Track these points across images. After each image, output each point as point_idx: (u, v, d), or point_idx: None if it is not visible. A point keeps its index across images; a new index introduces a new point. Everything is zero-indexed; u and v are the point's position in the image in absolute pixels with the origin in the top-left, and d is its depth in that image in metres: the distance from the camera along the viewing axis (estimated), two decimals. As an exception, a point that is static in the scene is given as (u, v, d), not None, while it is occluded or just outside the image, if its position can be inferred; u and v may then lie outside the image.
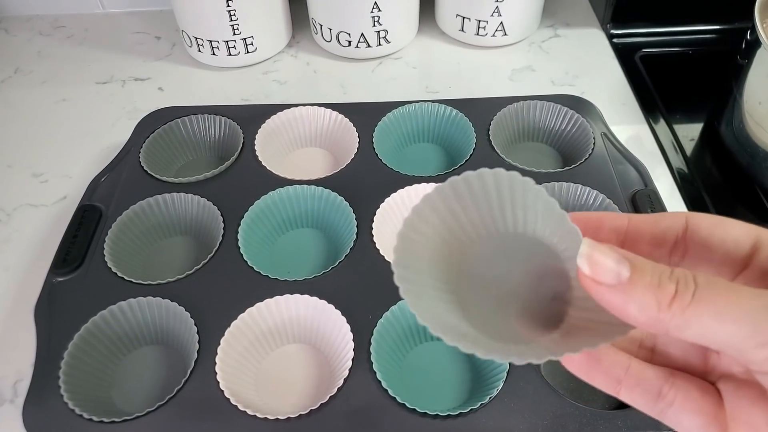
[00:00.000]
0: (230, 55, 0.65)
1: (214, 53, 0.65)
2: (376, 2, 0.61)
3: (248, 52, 0.65)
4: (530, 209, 0.22)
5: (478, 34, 0.67)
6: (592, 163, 0.51)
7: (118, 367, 0.42)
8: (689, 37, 0.69)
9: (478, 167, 0.55)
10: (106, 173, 0.51)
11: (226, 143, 0.55)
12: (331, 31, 0.65)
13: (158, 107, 0.56)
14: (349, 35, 0.64)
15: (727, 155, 0.56)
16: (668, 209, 0.48)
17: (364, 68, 0.67)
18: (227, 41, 0.63)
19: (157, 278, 0.43)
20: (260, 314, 0.42)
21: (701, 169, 0.56)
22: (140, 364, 0.42)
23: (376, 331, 0.40)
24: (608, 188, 0.48)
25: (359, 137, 0.53)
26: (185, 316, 0.41)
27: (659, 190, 0.49)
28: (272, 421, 0.37)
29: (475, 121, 0.53)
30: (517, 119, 0.55)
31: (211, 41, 0.63)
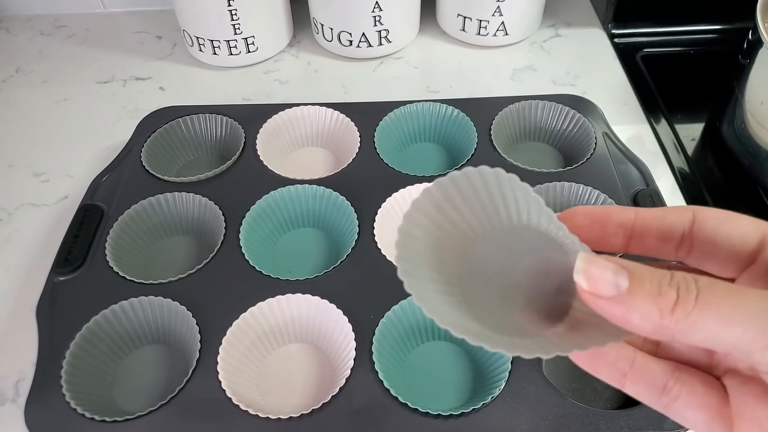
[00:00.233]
0: (231, 54, 0.65)
1: (215, 53, 0.65)
2: (377, 2, 0.61)
3: (249, 51, 0.65)
4: (533, 205, 0.22)
5: (479, 33, 0.67)
6: (593, 162, 0.51)
7: (119, 366, 0.42)
8: (690, 36, 0.69)
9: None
10: (107, 173, 0.51)
11: (227, 143, 0.55)
12: (332, 30, 0.65)
13: (159, 107, 0.56)
14: (350, 35, 0.64)
15: (728, 155, 0.56)
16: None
17: (365, 68, 0.67)
18: (228, 41, 0.63)
19: (158, 278, 0.43)
20: (262, 314, 0.42)
21: (702, 169, 0.56)
22: (142, 363, 0.42)
23: (377, 330, 0.40)
24: (610, 188, 0.48)
25: (360, 137, 0.53)
26: (187, 315, 0.41)
27: (660, 189, 0.49)
28: (274, 420, 0.37)
29: (476, 120, 0.53)
30: (518, 119, 0.55)
31: (212, 41, 0.63)
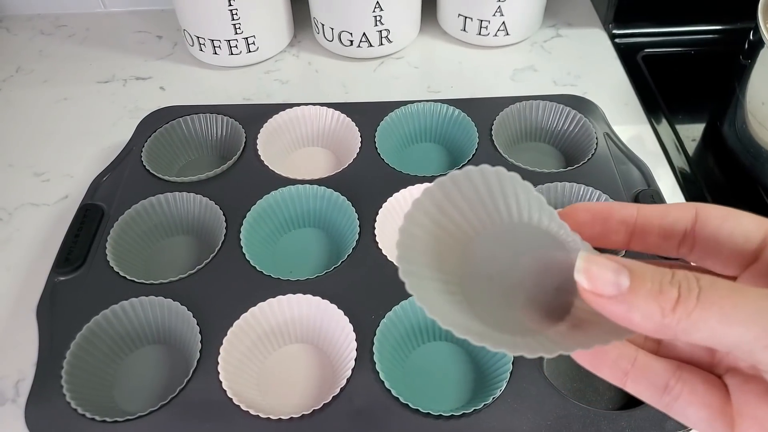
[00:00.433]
0: (232, 54, 0.65)
1: (215, 52, 0.65)
2: (378, 2, 0.61)
3: (250, 51, 0.65)
4: (534, 203, 0.22)
5: (480, 33, 0.67)
6: (594, 163, 0.51)
7: (120, 366, 0.42)
8: (691, 37, 0.69)
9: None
10: (107, 172, 0.51)
11: (228, 143, 0.55)
12: (332, 30, 0.65)
13: (160, 106, 0.56)
14: (350, 35, 0.64)
15: (729, 156, 0.55)
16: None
17: (365, 68, 0.67)
18: (229, 40, 0.63)
19: (159, 278, 0.43)
20: (263, 314, 0.42)
21: (703, 169, 0.56)
22: (142, 363, 0.42)
23: (378, 331, 0.40)
24: (611, 188, 0.48)
25: (361, 137, 0.53)
26: (187, 315, 0.41)
27: (661, 190, 0.49)
28: (275, 421, 0.37)
29: (477, 120, 0.53)
30: (519, 119, 0.55)
31: (212, 40, 0.63)
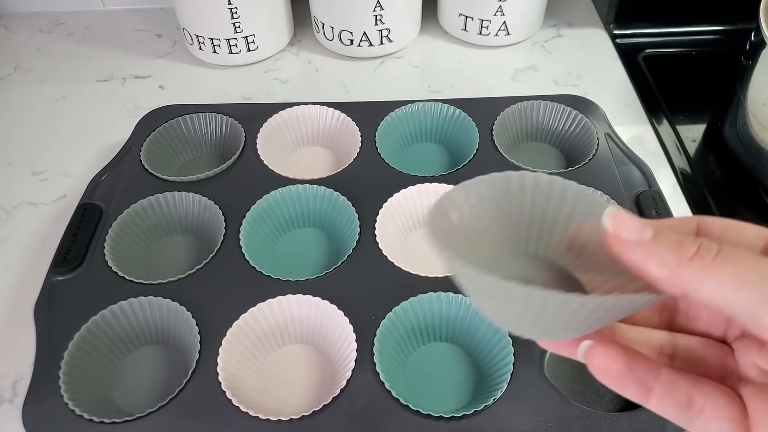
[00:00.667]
0: (231, 53, 0.64)
1: (215, 51, 0.64)
2: (378, 1, 0.61)
3: (250, 50, 0.65)
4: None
5: (480, 33, 0.67)
6: (595, 163, 0.50)
7: (118, 367, 0.41)
8: (692, 37, 0.69)
9: (481, 167, 0.54)
10: (106, 172, 0.51)
11: (227, 142, 0.55)
12: (333, 29, 0.64)
13: (159, 105, 0.56)
14: (351, 34, 0.64)
15: (730, 157, 0.55)
16: (672, 210, 0.47)
17: (366, 67, 0.67)
18: (228, 39, 0.63)
19: (158, 278, 0.43)
20: (262, 314, 0.41)
21: (704, 170, 0.55)
22: (141, 364, 0.42)
23: (379, 331, 0.40)
24: (612, 189, 0.48)
25: (362, 136, 0.52)
26: (186, 315, 0.41)
27: (662, 190, 0.49)
28: (274, 422, 0.36)
29: (478, 120, 0.53)
30: (520, 119, 0.55)
31: (212, 39, 0.63)
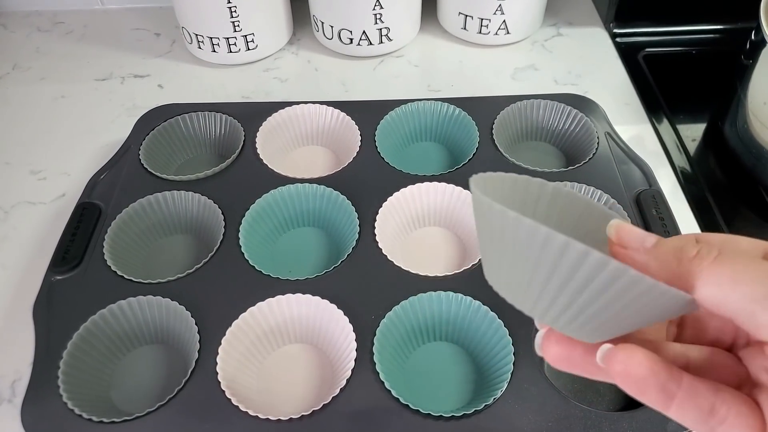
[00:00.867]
0: (231, 52, 0.64)
1: (214, 50, 0.64)
2: (378, 0, 0.61)
3: (249, 49, 0.65)
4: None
5: (480, 32, 0.66)
6: (595, 162, 0.50)
7: (117, 366, 0.41)
8: (693, 36, 0.69)
9: (481, 166, 0.54)
10: (105, 171, 0.51)
11: (226, 141, 0.54)
12: (332, 28, 0.64)
13: (158, 104, 0.56)
14: (350, 33, 0.64)
15: (731, 156, 0.55)
16: (672, 210, 0.47)
17: (365, 66, 0.66)
18: (228, 38, 0.63)
19: (157, 277, 0.43)
20: (261, 314, 0.41)
21: (705, 169, 0.55)
22: (140, 363, 0.42)
23: (378, 331, 0.40)
24: (612, 188, 0.48)
25: (361, 135, 0.52)
26: (186, 315, 0.41)
27: (662, 190, 0.49)
28: (274, 421, 0.36)
29: (477, 119, 0.53)
30: (520, 118, 0.55)
31: (211, 38, 0.63)
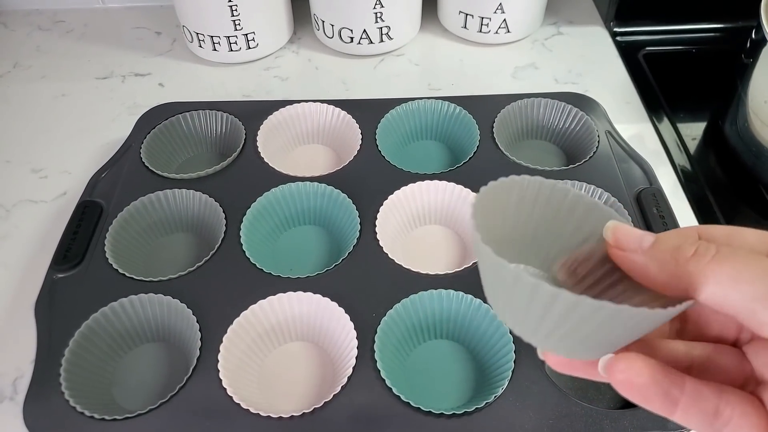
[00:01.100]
0: (231, 50, 0.64)
1: (215, 49, 0.64)
2: (378, -2, 0.61)
3: (249, 47, 0.65)
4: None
5: (481, 31, 0.66)
6: (596, 161, 0.50)
7: (119, 364, 0.41)
8: (693, 35, 0.69)
9: (481, 165, 0.54)
10: (106, 169, 0.51)
11: (227, 139, 0.54)
12: (333, 27, 0.64)
13: (158, 103, 0.56)
14: (351, 31, 0.64)
15: (731, 154, 0.55)
16: (672, 208, 0.47)
17: (366, 65, 0.66)
18: (228, 37, 0.63)
19: (158, 275, 0.43)
20: (263, 312, 0.41)
21: (705, 168, 0.55)
22: (142, 361, 0.42)
23: (380, 329, 0.40)
24: (613, 187, 0.48)
25: (362, 134, 0.52)
26: (187, 313, 0.41)
27: (663, 188, 0.49)
28: (275, 419, 0.36)
29: (478, 118, 0.53)
30: (521, 117, 0.55)
31: (212, 37, 0.63)
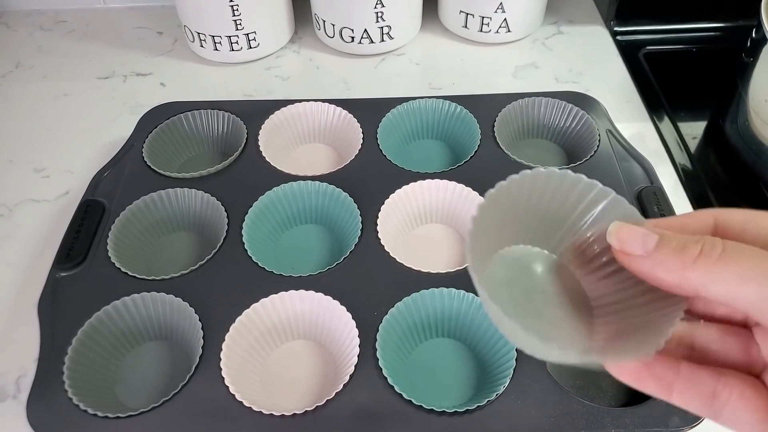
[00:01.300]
0: (232, 50, 0.64)
1: (216, 48, 0.64)
2: (379, -2, 0.61)
3: (251, 47, 0.65)
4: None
5: (481, 30, 0.67)
6: (597, 160, 0.50)
7: (122, 362, 0.42)
8: (693, 34, 0.69)
9: (482, 164, 0.54)
10: (108, 168, 0.51)
11: (229, 139, 0.55)
12: (334, 26, 0.64)
13: (160, 103, 0.56)
14: (352, 31, 0.64)
15: (731, 153, 0.55)
16: (673, 207, 0.47)
17: (366, 64, 0.67)
18: (230, 36, 0.63)
19: (160, 274, 0.43)
20: (265, 310, 0.41)
21: (705, 166, 0.55)
22: (144, 359, 0.42)
23: (381, 327, 0.40)
24: (614, 185, 0.47)
25: (363, 133, 0.53)
26: (189, 311, 0.41)
27: (663, 186, 0.49)
28: (277, 417, 0.36)
29: (479, 117, 0.53)
30: (521, 116, 0.55)
31: (213, 36, 0.63)
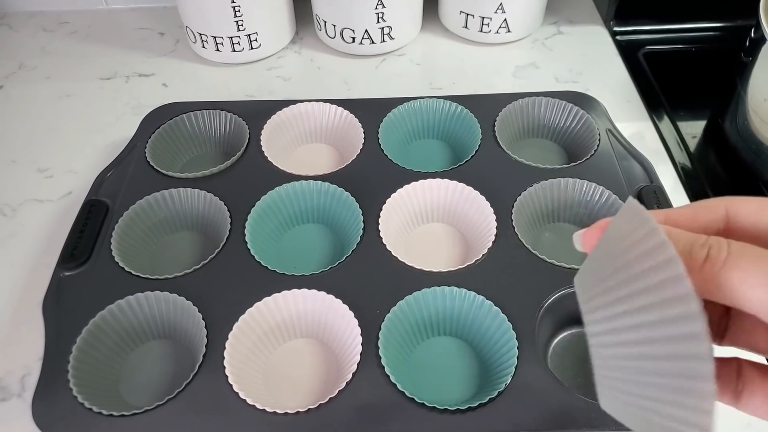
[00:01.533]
0: (234, 51, 0.65)
1: (218, 49, 0.65)
2: (380, -1, 0.61)
3: (252, 48, 0.65)
4: None
5: (481, 30, 0.67)
6: (597, 159, 0.51)
7: (126, 361, 0.42)
8: (693, 34, 0.69)
9: (483, 164, 0.54)
10: (111, 168, 0.51)
11: (231, 139, 0.55)
12: (335, 27, 0.65)
13: (162, 103, 0.56)
14: (353, 31, 0.64)
15: (731, 152, 0.56)
16: (673, 205, 0.48)
17: (367, 65, 0.67)
18: (231, 37, 0.63)
19: (164, 273, 0.43)
20: (268, 309, 0.42)
21: (705, 166, 0.56)
22: (148, 358, 0.42)
23: (383, 325, 0.40)
24: (614, 184, 0.48)
25: (364, 133, 0.53)
26: (193, 310, 0.41)
27: (663, 185, 0.49)
28: (281, 414, 0.37)
29: (480, 117, 0.53)
30: (522, 116, 0.55)
31: (215, 37, 0.63)
